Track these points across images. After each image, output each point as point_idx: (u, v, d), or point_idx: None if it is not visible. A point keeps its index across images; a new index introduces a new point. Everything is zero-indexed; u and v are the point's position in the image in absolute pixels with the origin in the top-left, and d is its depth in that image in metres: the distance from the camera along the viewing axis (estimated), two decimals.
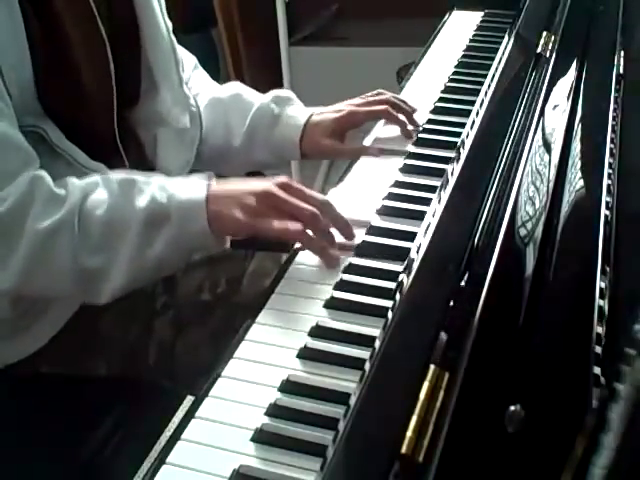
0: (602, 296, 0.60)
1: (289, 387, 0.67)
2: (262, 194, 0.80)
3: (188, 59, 1.13)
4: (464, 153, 0.87)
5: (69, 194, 0.79)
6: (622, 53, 1.00)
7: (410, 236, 0.81)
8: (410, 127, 1.05)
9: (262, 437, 0.62)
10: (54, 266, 0.78)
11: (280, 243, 0.94)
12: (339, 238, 0.83)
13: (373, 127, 1.09)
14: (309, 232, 0.79)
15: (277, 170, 1.02)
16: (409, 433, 0.52)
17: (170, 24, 1.02)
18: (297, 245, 0.84)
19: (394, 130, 1.06)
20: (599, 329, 0.57)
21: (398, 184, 0.94)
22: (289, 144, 1.03)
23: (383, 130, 1.08)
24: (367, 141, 1.06)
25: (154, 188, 0.81)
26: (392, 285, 0.75)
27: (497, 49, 1.14)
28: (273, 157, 1.06)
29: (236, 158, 1.07)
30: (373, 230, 0.86)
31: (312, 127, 1.03)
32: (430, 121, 1.08)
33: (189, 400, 0.90)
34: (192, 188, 0.81)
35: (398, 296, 0.70)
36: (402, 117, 1.05)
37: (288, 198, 0.80)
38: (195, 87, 1.10)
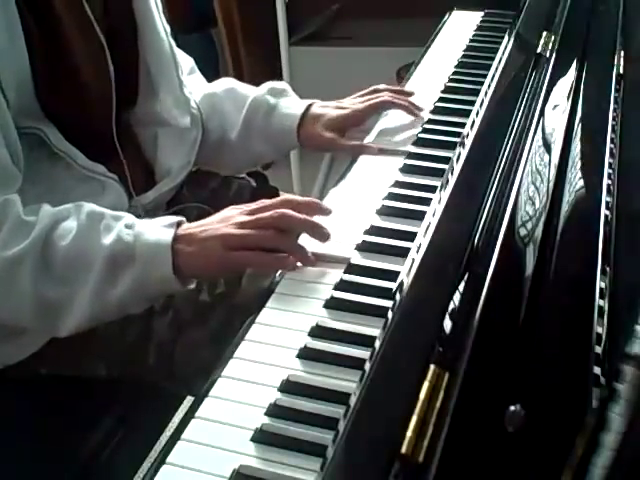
0: (602, 296, 0.60)
1: (289, 387, 0.67)
2: (228, 221, 0.79)
3: (184, 62, 1.13)
4: (464, 153, 0.87)
5: (38, 221, 0.78)
6: (622, 53, 1.00)
7: (410, 236, 0.81)
8: (415, 110, 1.07)
9: (262, 437, 0.62)
10: (15, 294, 0.77)
11: None
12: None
13: (373, 126, 1.09)
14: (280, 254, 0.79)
15: (277, 159, 1.01)
16: (409, 433, 0.52)
17: (168, 27, 1.02)
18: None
19: (397, 124, 1.08)
20: (599, 329, 0.57)
21: (398, 184, 0.94)
22: (287, 132, 1.04)
23: (386, 123, 1.09)
24: (368, 139, 1.06)
25: (121, 225, 0.79)
26: (392, 285, 0.75)
27: (497, 49, 1.14)
28: (271, 148, 1.07)
29: (233, 151, 1.08)
30: (373, 230, 0.86)
31: (313, 118, 1.03)
32: (430, 121, 1.08)
33: (189, 400, 0.90)
34: (159, 230, 0.79)
35: (398, 296, 0.70)
36: (404, 102, 1.07)
37: (244, 232, 0.78)
38: (188, 88, 1.09)
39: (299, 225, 0.80)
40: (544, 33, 1.08)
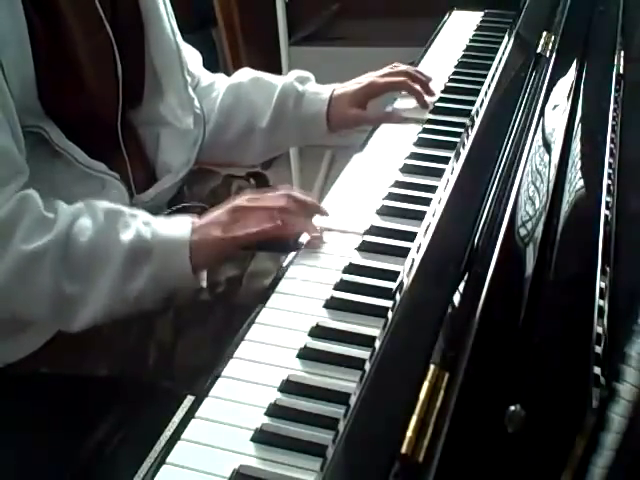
0: (602, 296, 0.60)
1: (289, 387, 0.67)
2: (231, 207, 0.83)
3: (194, 56, 1.14)
4: (464, 153, 0.87)
5: (58, 218, 0.79)
6: (622, 53, 1.00)
7: (410, 236, 0.81)
8: (427, 98, 1.11)
9: (262, 437, 0.62)
10: (34, 288, 0.78)
11: (280, 243, 0.94)
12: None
13: (394, 101, 1.15)
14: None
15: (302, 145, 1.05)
16: (409, 433, 0.52)
17: (176, 26, 1.02)
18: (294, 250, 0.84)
19: (411, 103, 1.12)
20: (599, 329, 0.57)
21: (398, 184, 0.94)
22: (317, 118, 1.08)
23: (401, 103, 1.13)
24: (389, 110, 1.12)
25: (139, 222, 0.81)
26: (392, 285, 0.75)
27: (497, 49, 1.14)
28: (299, 135, 1.11)
29: (262, 139, 1.10)
30: (373, 230, 0.86)
31: (337, 99, 1.08)
32: (430, 121, 1.09)
33: (189, 400, 0.90)
34: (176, 226, 0.82)
35: (398, 296, 0.70)
36: (419, 88, 1.10)
37: (253, 203, 0.83)
38: (209, 77, 1.13)
39: (301, 209, 0.84)
40: (544, 33, 1.08)
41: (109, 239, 0.79)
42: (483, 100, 0.99)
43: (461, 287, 0.64)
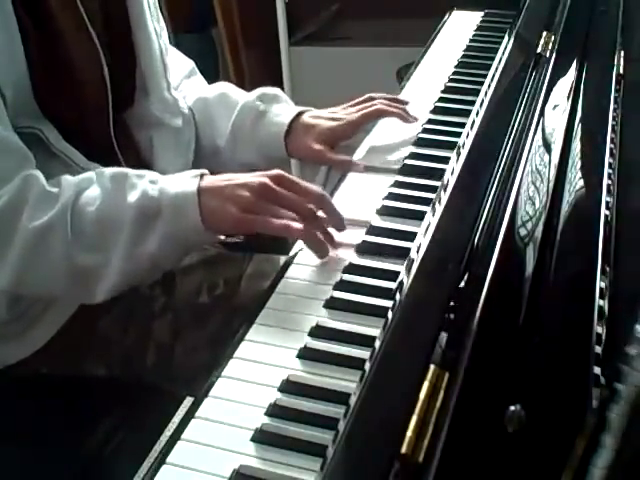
0: (602, 296, 0.60)
1: (289, 387, 0.67)
2: (257, 188, 0.78)
3: (184, 64, 1.12)
4: (464, 153, 0.87)
5: (62, 192, 0.79)
6: (622, 53, 1.00)
7: (410, 236, 0.81)
8: (409, 117, 1.04)
9: (262, 437, 0.62)
10: (48, 264, 0.78)
11: (278, 245, 0.94)
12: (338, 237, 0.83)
13: (361, 141, 1.06)
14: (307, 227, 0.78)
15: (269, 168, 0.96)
16: (409, 433, 0.52)
17: (160, 28, 1.02)
18: (295, 250, 0.84)
19: (387, 142, 1.05)
20: (599, 329, 0.57)
21: (398, 184, 0.94)
22: (274, 141, 0.99)
23: (376, 140, 1.07)
24: (357, 155, 1.03)
25: (145, 182, 0.80)
26: (392, 285, 0.75)
27: (497, 49, 1.14)
28: (260, 157, 1.02)
29: (223, 159, 1.05)
30: (373, 230, 0.86)
31: (303, 127, 0.99)
32: (430, 121, 1.08)
33: (189, 400, 0.90)
34: (183, 182, 0.80)
35: (398, 296, 0.70)
36: (396, 110, 1.03)
37: (284, 193, 0.78)
38: (184, 91, 1.09)
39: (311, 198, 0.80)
40: (544, 33, 1.08)
41: (117, 204, 0.78)
42: (483, 100, 0.99)
43: (461, 287, 0.64)
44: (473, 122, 0.95)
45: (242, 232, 0.85)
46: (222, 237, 0.84)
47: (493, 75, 1.05)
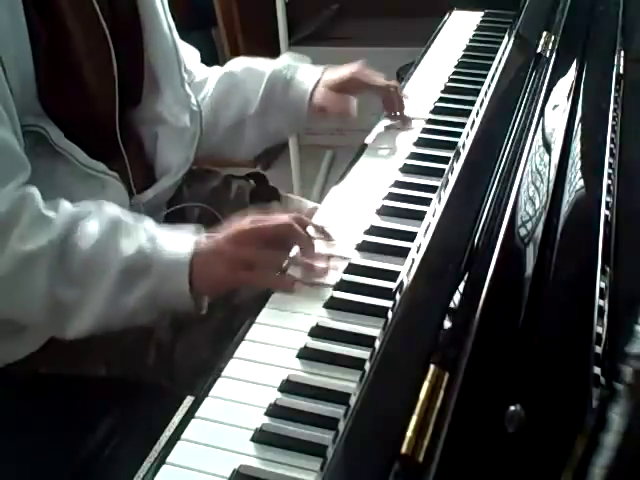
0: (602, 296, 0.60)
1: (289, 387, 0.67)
2: (232, 236, 0.80)
3: (191, 53, 1.14)
4: (464, 153, 0.87)
5: (58, 219, 0.78)
6: (622, 53, 1.00)
7: (410, 236, 0.81)
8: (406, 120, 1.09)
9: (262, 437, 0.62)
10: (29, 290, 0.77)
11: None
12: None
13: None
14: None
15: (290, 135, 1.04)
16: (409, 433, 0.52)
17: (173, 23, 1.02)
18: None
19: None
20: (599, 329, 0.57)
21: (398, 184, 0.94)
22: (301, 108, 1.06)
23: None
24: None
25: (142, 235, 0.80)
26: (392, 285, 0.75)
27: (497, 49, 1.14)
28: (287, 121, 1.09)
29: (249, 129, 1.09)
30: (373, 230, 0.86)
31: (321, 83, 1.07)
32: (430, 121, 1.08)
33: (189, 400, 0.90)
34: (179, 245, 0.80)
35: (398, 296, 0.70)
36: (396, 102, 1.09)
37: (257, 227, 0.80)
38: (204, 72, 1.13)
39: (302, 241, 0.82)
40: (544, 33, 1.08)
41: (109, 249, 0.78)
42: (483, 100, 0.99)
43: (461, 287, 0.64)
44: (473, 122, 0.95)
45: (231, 288, 0.88)
46: (205, 309, 0.84)
47: (493, 75, 1.05)
